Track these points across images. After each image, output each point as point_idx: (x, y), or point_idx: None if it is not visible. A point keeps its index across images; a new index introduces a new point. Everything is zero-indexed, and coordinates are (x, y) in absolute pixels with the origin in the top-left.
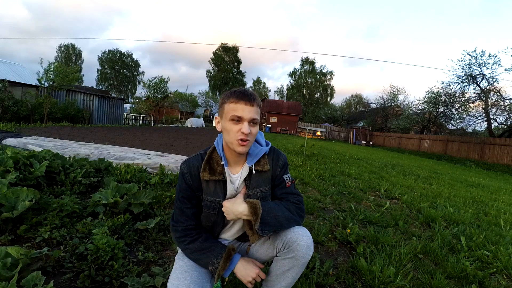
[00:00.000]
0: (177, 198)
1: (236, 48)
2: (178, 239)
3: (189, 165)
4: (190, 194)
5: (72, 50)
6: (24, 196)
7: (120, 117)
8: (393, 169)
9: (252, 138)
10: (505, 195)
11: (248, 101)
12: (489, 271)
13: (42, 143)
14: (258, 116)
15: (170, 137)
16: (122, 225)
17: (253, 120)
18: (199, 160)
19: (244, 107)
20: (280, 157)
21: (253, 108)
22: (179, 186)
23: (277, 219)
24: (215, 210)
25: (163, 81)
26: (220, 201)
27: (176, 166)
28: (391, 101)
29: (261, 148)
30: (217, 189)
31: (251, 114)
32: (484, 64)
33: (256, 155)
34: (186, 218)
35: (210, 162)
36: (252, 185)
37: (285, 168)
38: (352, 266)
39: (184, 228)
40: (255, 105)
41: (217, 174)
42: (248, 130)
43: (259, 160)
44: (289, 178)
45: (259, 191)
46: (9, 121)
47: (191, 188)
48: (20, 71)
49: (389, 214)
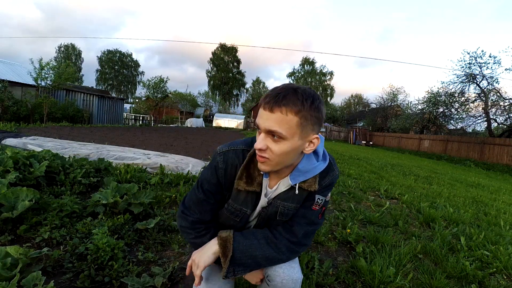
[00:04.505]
0: (198, 186)
1: (235, 48)
2: (183, 228)
3: (226, 161)
4: (217, 190)
5: (72, 50)
6: (24, 196)
7: (120, 117)
8: (393, 169)
9: (275, 157)
10: (505, 195)
11: (267, 103)
12: (489, 271)
13: (42, 143)
14: (284, 129)
15: (170, 137)
16: (122, 225)
17: (271, 132)
18: (240, 158)
19: (262, 112)
20: (329, 176)
21: (273, 116)
22: (206, 176)
23: (254, 260)
24: (237, 217)
25: (163, 81)
26: (247, 212)
27: (176, 166)
28: (390, 101)
29: (316, 165)
30: (247, 199)
31: (266, 124)
32: (484, 64)
33: (305, 172)
34: (201, 210)
35: (249, 168)
36: (280, 196)
37: (328, 188)
38: (352, 266)
39: (194, 220)
40: (277, 111)
41: (255, 184)
42: (261, 145)
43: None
44: (321, 201)
45: (283, 206)
46: (9, 121)
47: (220, 185)
48: (20, 71)
49: (389, 214)
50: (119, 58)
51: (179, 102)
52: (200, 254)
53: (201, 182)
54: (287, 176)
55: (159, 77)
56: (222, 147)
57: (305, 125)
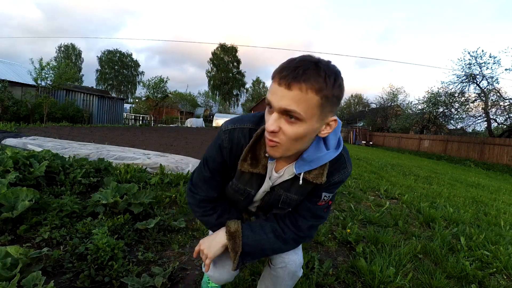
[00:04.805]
0: (204, 164)
1: (235, 48)
2: (191, 205)
3: (231, 140)
4: (223, 168)
5: (72, 50)
6: (24, 196)
7: (120, 117)
8: (393, 169)
9: (287, 141)
10: (505, 195)
11: (284, 78)
12: (489, 271)
13: (41, 143)
14: (302, 109)
15: (170, 137)
16: (122, 225)
17: (286, 112)
18: (246, 137)
19: (276, 88)
20: (340, 173)
21: (290, 93)
22: (211, 154)
23: (262, 252)
24: (242, 196)
25: (163, 81)
26: (251, 192)
27: (176, 166)
28: (390, 101)
29: (325, 153)
30: (252, 180)
31: (282, 102)
32: (484, 64)
33: (311, 162)
34: (208, 187)
35: (255, 150)
36: (282, 185)
37: (336, 186)
38: (352, 266)
39: (201, 198)
40: (295, 88)
41: (259, 167)
42: (272, 127)
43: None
44: (328, 197)
45: (285, 196)
46: (9, 121)
47: (225, 163)
48: (20, 71)
49: (389, 214)
50: (119, 58)
51: (179, 102)
52: (210, 244)
53: (207, 160)
54: (293, 163)
55: (159, 77)
56: (228, 124)
57: (325, 105)
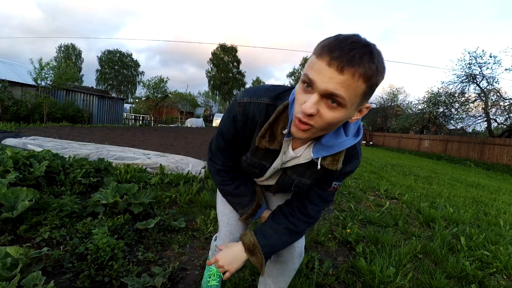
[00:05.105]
0: (220, 135)
1: (235, 48)
2: (211, 173)
3: (246, 114)
4: (237, 139)
5: (72, 50)
6: (24, 196)
7: (120, 117)
8: (393, 169)
9: (321, 125)
10: (505, 195)
11: (336, 60)
12: (489, 271)
13: (42, 143)
14: (347, 96)
15: (170, 137)
16: (122, 225)
17: (330, 96)
18: (261, 113)
19: (323, 68)
20: (353, 163)
21: (341, 78)
22: (226, 125)
23: (279, 250)
24: (257, 169)
25: (163, 81)
26: (266, 165)
27: (176, 166)
28: (390, 101)
29: (344, 140)
30: (267, 155)
31: (330, 85)
32: (484, 64)
33: (329, 148)
34: (225, 157)
35: (274, 127)
36: (295, 169)
37: (346, 175)
38: (352, 266)
39: (220, 168)
40: (347, 73)
41: (275, 143)
42: (312, 110)
43: (332, 154)
44: (337, 185)
45: (298, 180)
46: (9, 121)
47: (240, 135)
48: (20, 71)
49: (389, 214)
50: (119, 58)
51: (179, 102)
52: (230, 261)
53: (222, 131)
54: (309, 146)
55: (159, 77)
56: (243, 96)
57: (368, 93)
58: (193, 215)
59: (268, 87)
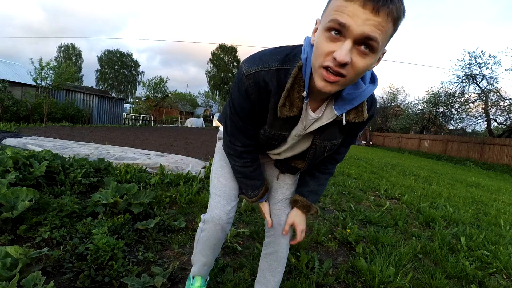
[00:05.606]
0: (234, 114)
1: (235, 48)
2: (231, 156)
3: (258, 84)
4: (253, 115)
5: (72, 50)
6: (24, 196)
7: (120, 117)
8: (393, 169)
9: (351, 76)
10: (505, 195)
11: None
12: (489, 271)
13: (41, 143)
14: (381, 39)
15: (170, 137)
16: (122, 225)
17: (365, 40)
18: (273, 81)
19: (358, 10)
20: (373, 108)
21: (377, 19)
22: (239, 102)
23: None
24: (276, 141)
25: (163, 81)
26: (285, 135)
27: (176, 166)
28: (391, 101)
29: (364, 89)
30: (285, 124)
31: (366, 28)
32: (484, 64)
33: (352, 100)
34: (244, 136)
35: (291, 93)
36: (324, 136)
37: (369, 120)
38: (352, 266)
39: (242, 150)
40: (383, 15)
41: (294, 109)
42: (345, 58)
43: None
44: (360, 133)
45: (329, 144)
46: (9, 121)
47: (255, 109)
48: (20, 71)
49: (389, 214)
50: (119, 58)
51: (179, 102)
52: (301, 220)
53: (235, 110)
54: (329, 105)
55: (159, 77)
56: (250, 67)
57: (391, 37)
58: (193, 215)
59: (272, 51)
